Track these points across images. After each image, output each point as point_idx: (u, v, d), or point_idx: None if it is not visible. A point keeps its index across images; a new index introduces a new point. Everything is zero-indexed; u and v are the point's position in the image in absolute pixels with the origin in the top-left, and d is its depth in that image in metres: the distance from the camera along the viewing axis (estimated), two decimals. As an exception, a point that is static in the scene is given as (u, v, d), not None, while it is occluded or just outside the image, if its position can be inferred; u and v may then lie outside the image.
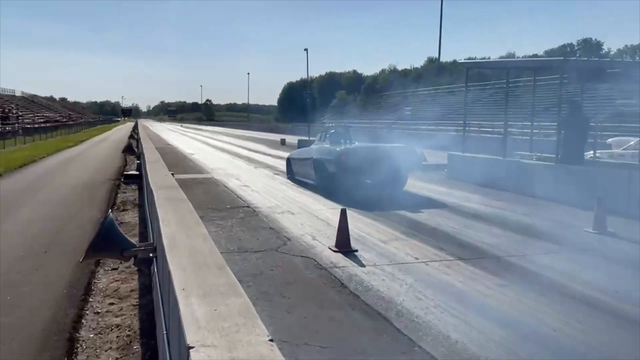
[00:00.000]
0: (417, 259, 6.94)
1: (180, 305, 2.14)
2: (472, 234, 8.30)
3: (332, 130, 14.24)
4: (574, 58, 20.24)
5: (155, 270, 4.33)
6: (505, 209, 10.54)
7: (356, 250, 7.21)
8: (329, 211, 10.16)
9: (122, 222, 9.50)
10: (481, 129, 31.09)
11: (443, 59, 72.38)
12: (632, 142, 16.57)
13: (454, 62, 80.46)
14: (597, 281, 6.04)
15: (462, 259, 6.94)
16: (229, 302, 2.13)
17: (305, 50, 56.07)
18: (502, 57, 58.12)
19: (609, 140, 18.36)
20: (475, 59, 64.94)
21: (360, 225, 8.85)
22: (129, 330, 5.12)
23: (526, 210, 10.36)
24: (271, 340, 1.77)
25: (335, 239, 7.47)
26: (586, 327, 4.81)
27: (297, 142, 16.64)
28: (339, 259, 6.92)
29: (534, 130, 15.98)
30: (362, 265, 6.64)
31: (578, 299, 5.48)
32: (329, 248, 7.37)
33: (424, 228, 8.74)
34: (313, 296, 5.57)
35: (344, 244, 7.27)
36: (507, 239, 7.99)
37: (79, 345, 4.85)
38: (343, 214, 7.31)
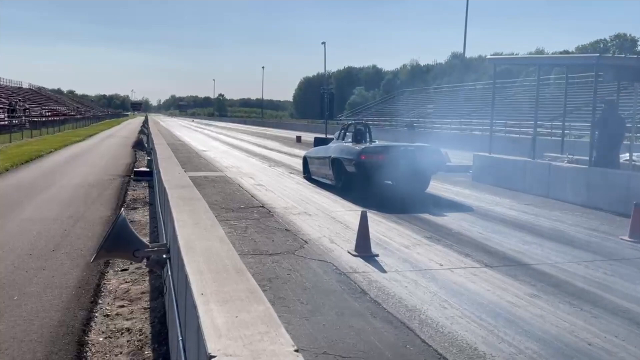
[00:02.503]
0: (442, 265, 6.62)
1: (199, 312, 2.03)
2: (500, 240, 7.95)
3: (352, 128, 13.87)
4: (610, 55, 19.59)
5: (169, 272, 4.15)
6: (535, 214, 10.14)
7: (377, 255, 6.92)
8: (348, 213, 9.88)
9: (132, 221, 9.28)
10: (507, 128, 30.50)
11: (468, 54, 71.29)
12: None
13: (480, 57, 79.49)
14: (635, 293, 5.68)
15: (490, 266, 6.61)
16: (250, 309, 2.03)
17: (322, 43, 56.01)
18: (530, 54, 57.06)
19: None
20: (501, 54, 64.14)
21: (380, 228, 8.56)
22: (140, 335, 4.94)
23: (557, 215, 9.96)
24: (297, 350, 1.69)
25: (354, 242, 7.19)
26: (625, 343, 4.47)
27: (313, 139, 16.39)
28: (359, 263, 6.64)
29: (565, 131, 15.48)
30: (384, 271, 6.35)
31: (615, 312, 5.14)
32: (348, 252, 7.09)
33: (448, 233, 8.41)
34: (332, 303, 5.31)
35: (364, 248, 6.98)
36: (538, 246, 7.62)
37: (88, 349, 4.71)
38: (364, 216, 7.02)
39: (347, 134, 13.52)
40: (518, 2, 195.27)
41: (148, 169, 15.22)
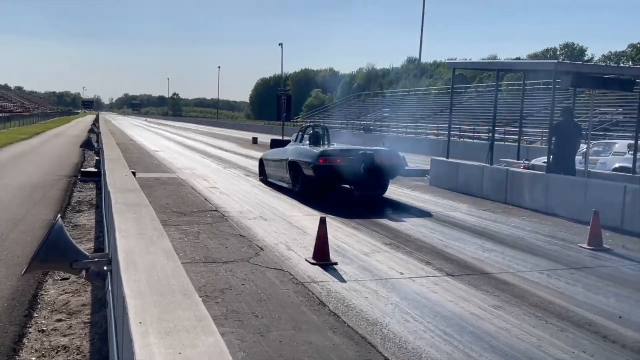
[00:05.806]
0: (402, 274, 6.39)
1: (135, 346, 1.69)
2: (460, 247, 7.78)
3: (310, 130, 13.55)
4: (568, 62, 20.12)
5: (110, 287, 3.73)
6: (493, 220, 10.05)
7: (335, 263, 6.63)
8: (305, 218, 9.57)
9: (76, 225, 8.73)
10: (461, 133, 30.88)
11: (423, 59, 72.12)
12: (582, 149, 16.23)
13: (435, 63, 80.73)
14: (599, 304, 5.57)
15: (451, 275, 6.41)
16: (197, 343, 1.72)
17: (280, 45, 55.70)
18: (483, 59, 58.33)
19: None
20: (455, 60, 65.28)
21: (339, 234, 8.28)
22: (78, 354, 4.49)
23: (516, 222, 9.89)
24: None
25: (312, 249, 6.88)
26: (594, 359, 4.31)
27: (270, 141, 16.05)
28: (317, 272, 6.34)
29: (515, 137, 15.61)
30: (343, 281, 6.06)
31: (581, 325, 4.99)
32: (306, 260, 6.77)
33: (408, 239, 8.19)
34: (289, 316, 4.99)
35: (322, 256, 6.68)
36: (498, 254, 7.48)
37: (18, 370, 4.23)
38: (322, 223, 6.71)
39: (305, 136, 13.18)
40: (472, 10, 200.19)
41: (96, 169, 14.59)
